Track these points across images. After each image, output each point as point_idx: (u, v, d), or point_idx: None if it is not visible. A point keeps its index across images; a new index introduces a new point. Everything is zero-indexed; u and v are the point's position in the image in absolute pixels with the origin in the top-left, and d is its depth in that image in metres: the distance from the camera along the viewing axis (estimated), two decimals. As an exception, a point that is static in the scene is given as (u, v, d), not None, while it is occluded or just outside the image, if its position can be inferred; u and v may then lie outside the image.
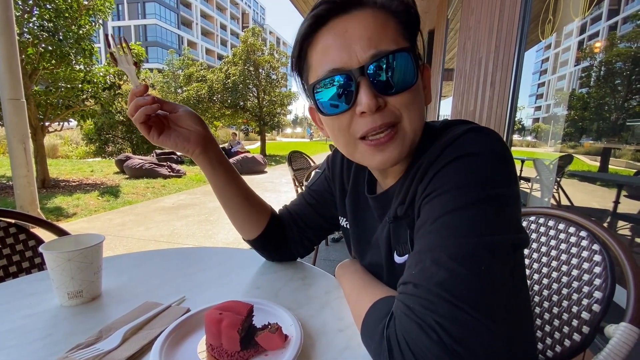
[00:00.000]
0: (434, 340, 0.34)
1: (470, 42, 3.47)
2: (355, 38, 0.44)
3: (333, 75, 0.46)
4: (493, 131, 0.46)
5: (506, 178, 0.42)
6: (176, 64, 19.18)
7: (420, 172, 0.47)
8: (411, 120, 0.47)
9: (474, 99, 3.16)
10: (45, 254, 0.59)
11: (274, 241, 0.76)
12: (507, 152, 0.44)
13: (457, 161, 0.43)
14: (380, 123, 0.45)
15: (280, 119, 14.97)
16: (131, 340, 0.50)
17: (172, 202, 5.10)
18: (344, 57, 0.45)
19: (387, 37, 0.45)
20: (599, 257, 0.66)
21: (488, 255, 0.37)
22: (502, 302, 0.36)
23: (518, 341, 0.36)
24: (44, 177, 5.85)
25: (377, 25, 0.45)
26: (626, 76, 2.51)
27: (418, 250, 0.42)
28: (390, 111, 0.46)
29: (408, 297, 0.39)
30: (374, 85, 0.45)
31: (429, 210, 0.43)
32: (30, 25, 5.07)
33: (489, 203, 0.40)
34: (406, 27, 0.47)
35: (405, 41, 0.47)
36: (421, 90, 0.49)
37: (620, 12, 2.38)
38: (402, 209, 0.51)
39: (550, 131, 3.47)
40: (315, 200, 0.76)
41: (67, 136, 13.73)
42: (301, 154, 3.70)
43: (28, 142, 3.61)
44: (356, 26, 0.45)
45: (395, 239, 0.54)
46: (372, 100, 0.44)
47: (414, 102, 0.47)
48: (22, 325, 0.55)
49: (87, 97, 6.06)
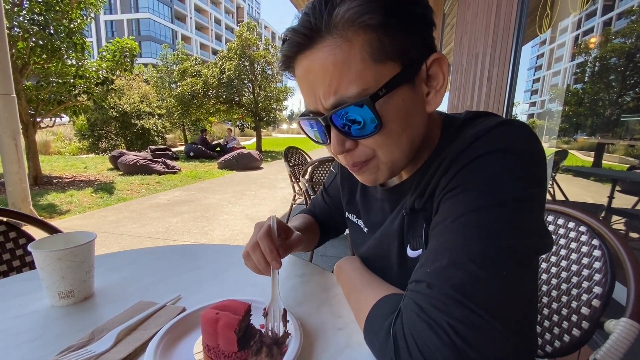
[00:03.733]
0: (445, 341, 0.33)
1: (467, 37, 3.46)
2: (318, 83, 0.43)
3: (308, 115, 0.47)
4: (525, 125, 0.43)
5: (538, 179, 0.40)
6: (170, 58, 18.95)
7: (445, 164, 0.44)
8: (387, 154, 0.46)
9: (471, 94, 3.16)
10: (34, 253, 0.57)
11: (322, 241, 0.86)
12: (541, 151, 0.41)
13: (489, 156, 0.40)
14: (351, 162, 0.48)
15: (276, 114, 14.87)
16: (125, 342, 0.49)
17: (167, 199, 5.06)
18: (312, 102, 0.45)
19: (349, 76, 0.40)
20: (599, 252, 0.66)
21: (510, 260, 0.35)
22: (520, 310, 0.36)
23: (524, 345, 0.36)
24: (36, 174, 5.77)
25: (336, 64, 0.40)
26: (620, 72, 2.53)
27: (434, 248, 0.40)
28: (361, 151, 0.47)
29: (420, 296, 0.37)
30: (341, 131, 0.44)
31: (450, 206, 0.41)
32: (20, 19, 4.95)
33: (519, 205, 0.37)
34: (388, 36, 0.40)
35: (381, 64, 0.40)
36: (404, 112, 0.43)
37: (614, 8, 2.38)
38: (420, 202, 0.48)
39: (545, 127, 3.49)
40: (334, 205, 0.82)
41: (59, 132, 13.52)
42: (297, 149, 3.68)
43: (19, 138, 3.54)
44: (317, 68, 0.42)
45: (410, 232, 0.52)
46: (339, 146, 0.45)
47: (388, 140, 0.45)
48: (11, 326, 0.53)
49: (79, 92, 5.96)
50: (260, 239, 0.55)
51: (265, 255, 0.55)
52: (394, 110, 0.43)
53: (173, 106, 13.48)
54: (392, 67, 0.41)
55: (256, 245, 0.56)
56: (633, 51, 2.39)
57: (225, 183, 6.52)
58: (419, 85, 0.45)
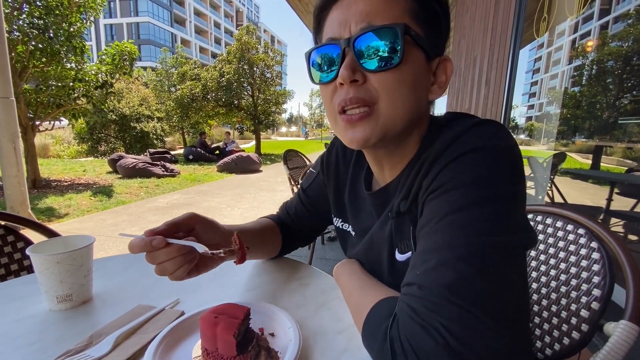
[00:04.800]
0: (440, 343, 0.33)
1: (465, 40, 3.48)
2: (356, 12, 0.44)
3: (326, 44, 0.47)
4: (500, 124, 0.44)
5: (515, 175, 0.41)
6: (169, 62, 19.01)
7: (425, 167, 0.45)
8: (390, 104, 0.45)
9: (469, 97, 3.17)
10: (32, 257, 0.57)
11: (288, 249, 0.82)
12: (515, 147, 0.42)
13: (464, 157, 0.41)
14: (352, 96, 0.45)
15: (275, 117, 14.91)
16: (123, 346, 0.49)
17: (166, 202, 5.05)
18: (341, 29, 0.46)
19: (388, 13, 0.44)
20: (598, 254, 0.66)
21: (497, 256, 0.36)
22: (511, 304, 0.36)
23: (519, 340, 0.35)
24: (35, 177, 5.75)
25: (381, 0, 0.44)
26: (617, 75, 2.54)
27: (422, 250, 0.40)
28: (367, 88, 0.45)
29: (412, 298, 0.38)
30: (357, 58, 0.44)
31: (434, 207, 0.41)
32: (20, 23, 4.96)
33: (499, 201, 0.38)
34: (425, 9, 0.46)
35: (413, 21, 0.45)
36: (414, 75, 0.45)
37: (611, 12, 2.40)
38: (405, 204, 0.49)
39: (543, 129, 3.50)
40: (312, 206, 0.78)
41: (58, 135, 13.50)
42: (297, 152, 3.68)
43: (18, 141, 3.54)
44: (360, 1, 0.45)
45: (398, 235, 0.53)
46: (348, 71, 0.44)
47: (398, 85, 0.44)
48: (9, 330, 0.53)
49: (78, 95, 5.95)
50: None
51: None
52: (412, 60, 0.45)
53: (172, 109, 13.50)
54: (422, 33, 0.45)
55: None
56: (630, 54, 2.40)
57: (225, 186, 6.51)
58: (429, 71, 0.48)
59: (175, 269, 0.48)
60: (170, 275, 0.49)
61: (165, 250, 0.47)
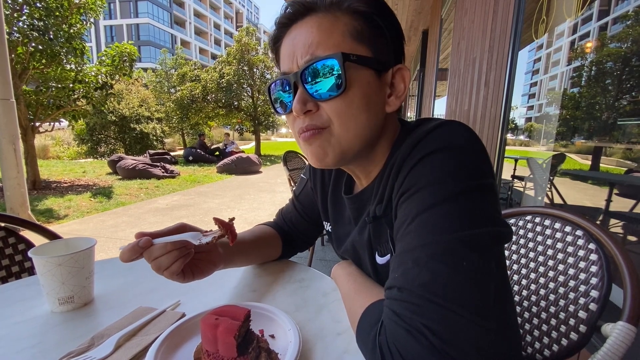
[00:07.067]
0: (424, 344, 0.33)
1: (464, 42, 3.49)
2: (299, 44, 0.47)
3: (280, 79, 0.50)
4: (462, 123, 0.45)
5: (479, 170, 0.42)
6: (169, 63, 19.02)
7: (395, 170, 0.47)
8: (342, 127, 0.47)
9: (468, 98, 3.18)
10: (34, 259, 0.58)
11: (287, 256, 0.83)
12: (477, 144, 0.44)
13: (428, 157, 0.42)
14: (307, 124, 0.48)
15: (275, 118, 14.91)
16: (124, 347, 0.49)
17: (166, 203, 5.05)
18: (290, 62, 0.48)
19: (328, 42, 0.45)
20: (595, 255, 0.67)
21: (468, 250, 0.36)
22: (489, 296, 0.35)
23: (503, 329, 0.35)
24: (35, 179, 5.75)
25: (320, 30, 0.46)
26: (616, 76, 2.55)
27: (399, 252, 0.41)
28: (320, 115, 0.48)
29: (394, 302, 0.38)
30: (307, 90, 0.47)
31: (406, 209, 0.43)
32: (20, 24, 4.97)
33: (464, 197, 0.39)
34: (368, 25, 0.47)
35: (355, 42, 0.46)
36: (364, 96, 0.47)
37: (610, 13, 2.41)
38: (380, 208, 0.51)
39: (543, 130, 3.50)
40: (305, 212, 0.80)
41: (58, 137, 13.50)
42: (296, 154, 3.68)
43: (18, 142, 3.55)
44: (302, 33, 0.47)
45: (376, 239, 0.54)
46: (300, 104, 0.47)
47: (347, 109, 0.47)
48: (11, 332, 0.54)
49: (78, 97, 5.96)
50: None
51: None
52: (359, 83, 0.46)
53: (172, 110, 13.50)
54: (366, 51, 0.47)
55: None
56: (629, 55, 2.41)
57: (224, 187, 6.51)
58: (384, 84, 0.49)
59: (171, 262, 0.50)
60: (166, 270, 0.51)
61: (160, 245, 0.49)
